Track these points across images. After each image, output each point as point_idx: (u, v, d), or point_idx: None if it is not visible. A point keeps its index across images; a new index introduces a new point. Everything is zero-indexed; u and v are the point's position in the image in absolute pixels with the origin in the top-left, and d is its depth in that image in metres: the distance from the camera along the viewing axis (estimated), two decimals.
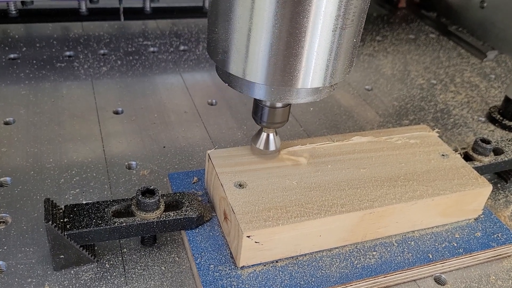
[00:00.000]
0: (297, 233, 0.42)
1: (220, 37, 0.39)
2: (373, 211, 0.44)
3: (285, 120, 0.46)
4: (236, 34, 0.37)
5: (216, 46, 0.40)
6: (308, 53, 0.37)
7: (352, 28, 0.38)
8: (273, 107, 0.44)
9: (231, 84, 0.41)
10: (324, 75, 0.39)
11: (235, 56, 0.38)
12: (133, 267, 0.44)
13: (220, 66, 0.40)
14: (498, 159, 0.56)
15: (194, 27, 0.90)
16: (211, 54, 0.41)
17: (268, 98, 0.41)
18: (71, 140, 0.58)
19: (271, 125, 0.46)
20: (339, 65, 0.39)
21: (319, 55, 0.37)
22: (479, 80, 0.85)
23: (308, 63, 0.37)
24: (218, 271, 0.42)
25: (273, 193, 0.44)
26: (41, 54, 0.75)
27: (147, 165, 0.56)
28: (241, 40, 0.37)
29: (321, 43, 0.37)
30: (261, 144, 0.48)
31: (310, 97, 0.41)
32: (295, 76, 0.38)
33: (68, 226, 0.41)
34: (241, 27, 0.37)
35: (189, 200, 0.46)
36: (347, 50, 0.39)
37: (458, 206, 0.49)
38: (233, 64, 0.39)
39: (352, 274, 0.43)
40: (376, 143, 0.53)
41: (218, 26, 0.39)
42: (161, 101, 0.68)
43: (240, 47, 0.38)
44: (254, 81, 0.39)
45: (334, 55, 0.38)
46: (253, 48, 0.37)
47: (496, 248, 0.48)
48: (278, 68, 0.38)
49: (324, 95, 0.42)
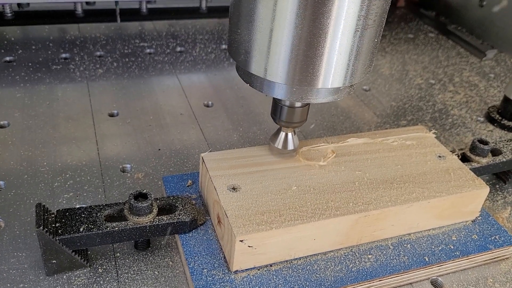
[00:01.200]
0: (291, 236, 0.42)
1: (243, 38, 0.39)
2: (368, 214, 0.44)
3: (303, 120, 0.46)
4: (259, 34, 0.38)
5: (238, 46, 0.40)
6: (329, 53, 0.37)
7: (373, 28, 0.38)
8: (292, 107, 0.45)
9: (252, 84, 0.42)
10: (344, 75, 0.39)
11: (257, 56, 0.39)
12: (126, 272, 0.43)
13: (241, 66, 0.41)
14: (496, 160, 0.56)
15: (191, 28, 0.90)
16: (233, 54, 0.41)
17: (289, 97, 0.41)
18: (66, 143, 0.58)
19: (289, 124, 0.46)
20: (360, 65, 0.40)
21: (340, 55, 0.38)
22: (478, 80, 0.85)
23: (329, 63, 0.38)
24: (212, 275, 0.41)
25: (267, 196, 0.44)
26: (37, 56, 0.75)
27: (142, 168, 0.56)
28: (263, 40, 0.38)
29: (343, 43, 0.37)
30: (279, 143, 0.48)
31: (330, 97, 0.41)
32: (315, 76, 0.38)
33: (60, 231, 0.41)
34: (263, 28, 0.37)
35: (182, 203, 0.45)
36: (368, 50, 0.39)
37: (455, 208, 0.48)
38: (254, 64, 0.39)
39: (347, 278, 0.43)
40: (372, 144, 0.52)
41: (241, 27, 0.39)
42: (157, 103, 0.68)
43: (262, 47, 0.38)
44: (275, 81, 0.39)
45: (355, 55, 0.39)
46: (275, 48, 0.38)
47: (493, 251, 0.48)
48: (299, 68, 0.38)
49: (344, 95, 0.42)
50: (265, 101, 0.71)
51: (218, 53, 0.82)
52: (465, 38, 0.96)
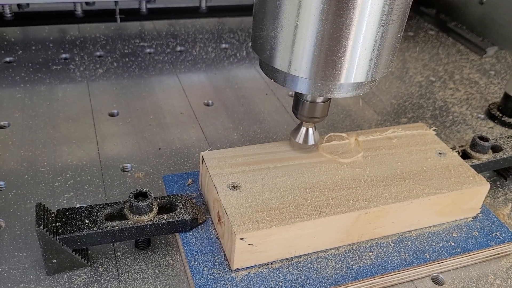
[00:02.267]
0: (291, 234, 0.42)
1: (268, 34, 0.40)
2: (368, 211, 0.44)
3: (324, 115, 0.47)
4: (283, 30, 0.38)
5: (263, 43, 0.41)
6: (353, 48, 0.38)
7: (397, 23, 0.39)
8: (313, 102, 0.45)
9: (276, 80, 0.43)
10: (367, 70, 0.40)
11: (281, 51, 0.39)
12: (127, 271, 0.43)
13: (266, 61, 0.41)
14: (497, 157, 0.56)
15: (191, 27, 0.90)
16: (257, 50, 0.42)
17: (312, 92, 0.41)
18: (66, 143, 0.58)
19: (310, 119, 0.47)
20: (382, 60, 0.40)
21: (364, 50, 0.38)
22: (479, 77, 0.84)
23: (352, 58, 0.38)
24: (212, 274, 0.41)
25: (267, 194, 0.44)
26: (37, 57, 0.75)
27: (142, 168, 0.56)
28: (288, 36, 0.38)
29: (366, 38, 0.38)
30: (300, 138, 0.48)
31: (353, 92, 0.42)
32: (339, 71, 0.39)
33: (60, 231, 0.41)
34: (288, 24, 0.38)
35: (182, 202, 0.45)
36: (390, 45, 0.40)
37: (456, 205, 0.48)
38: (279, 60, 0.40)
39: (348, 275, 0.43)
40: (372, 142, 0.52)
41: (266, 23, 0.40)
42: (157, 102, 0.68)
43: (287, 42, 0.39)
44: (299, 76, 0.40)
45: (378, 50, 0.39)
46: (299, 43, 0.38)
47: (494, 247, 0.48)
48: (323, 62, 0.39)
49: (366, 89, 0.43)
50: (266, 100, 0.71)
51: (218, 52, 0.82)
52: (465, 36, 0.96)
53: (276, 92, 0.73)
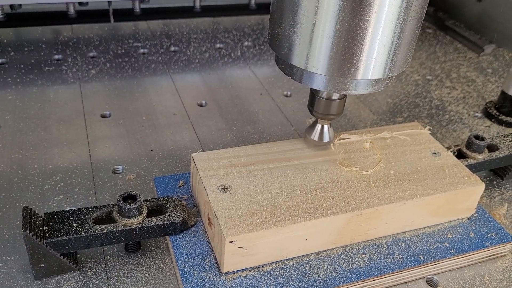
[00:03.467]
0: (282, 237, 0.41)
1: (286, 31, 0.40)
2: (360, 212, 0.43)
3: (340, 112, 0.47)
4: (301, 28, 0.38)
5: (281, 40, 0.41)
6: (370, 45, 0.38)
7: (415, 19, 0.39)
8: (329, 99, 0.45)
9: (293, 77, 0.42)
10: (384, 67, 0.40)
11: (299, 48, 0.39)
12: (116, 275, 0.43)
13: (284, 59, 0.41)
14: (493, 156, 0.55)
15: (185, 27, 0.89)
16: (275, 48, 0.42)
17: (329, 89, 0.41)
18: (57, 145, 0.57)
19: (326, 116, 0.47)
20: (400, 57, 0.40)
21: (381, 47, 0.38)
22: (476, 75, 0.84)
23: (370, 54, 0.38)
24: (202, 277, 0.41)
25: (258, 196, 0.43)
26: (29, 58, 0.74)
27: (134, 169, 0.55)
28: (305, 33, 0.38)
29: (384, 35, 0.38)
30: (315, 135, 0.48)
31: (370, 88, 0.42)
32: (356, 67, 0.39)
33: (47, 235, 0.40)
34: (306, 21, 0.38)
35: (173, 205, 0.45)
36: (408, 42, 0.40)
37: (450, 205, 0.47)
38: (296, 56, 0.40)
39: (340, 278, 0.42)
40: (364, 142, 0.51)
41: (284, 21, 0.40)
42: (150, 103, 0.67)
43: (304, 39, 0.39)
44: (316, 72, 0.40)
45: (396, 47, 0.39)
46: (317, 40, 0.38)
47: (490, 248, 0.47)
48: (341, 59, 0.38)
49: (383, 86, 0.43)
50: (260, 100, 0.71)
51: (212, 52, 0.82)
52: (463, 34, 0.95)
53: (271, 92, 0.73)
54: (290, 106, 0.70)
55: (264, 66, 0.79)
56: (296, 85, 0.75)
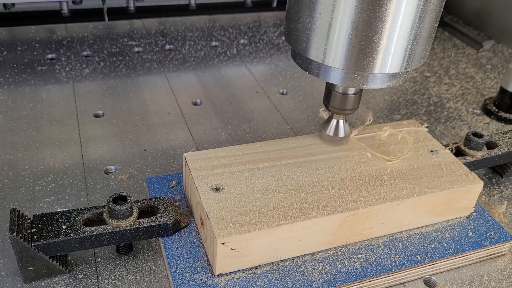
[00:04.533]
0: (275, 238, 0.40)
1: (304, 26, 0.39)
2: (356, 212, 0.42)
3: (356, 107, 0.46)
4: (319, 21, 0.38)
5: (298, 34, 0.40)
6: (389, 39, 0.37)
7: (434, 13, 0.38)
8: (345, 94, 0.45)
9: (310, 71, 0.42)
10: (402, 61, 0.39)
11: (316, 43, 0.39)
12: (107, 277, 0.42)
13: (301, 53, 0.41)
14: (492, 153, 0.54)
15: (180, 25, 0.88)
16: (292, 43, 0.42)
17: (347, 83, 0.41)
18: (49, 146, 0.56)
19: (341, 111, 0.46)
20: (418, 51, 0.40)
21: (400, 41, 0.38)
22: (475, 71, 0.83)
23: (387, 49, 0.38)
24: (194, 279, 0.40)
25: (251, 196, 0.42)
26: (22, 57, 0.73)
27: (127, 170, 0.54)
28: (323, 26, 0.38)
29: (403, 29, 0.37)
30: (330, 130, 0.48)
31: (388, 83, 0.41)
32: (374, 61, 0.38)
33: (36, 237, 0.39)
34: (324, 14, 0.38)
35: (164, 205, 0.44)
36: (426, 35, 0.39)
37: (448, 204, 0.46)
38: (313, 51, 0.40)
39: (336, 279, 0.41)
40: (360, 140, 0.50)
41: (301, 15, 0.39)
42: (144, 102, 0.66)
43: (322, 33, 0.38)
44: (333, 66, 0.39)
45: (415, 41, 0.39)
46: (334, 33, 0.38)
47: (488, 247, 0.46)
48: (358, 53, 0.38)
49: (400, 80, 0.42)
50: (256, 99, 0.70)
51: (208, 50, 0.81)
52: (462, 29, 0.94)
53: (267, 90, 0.72)
54: (286, 104, 0.69)
55: (260, 64, 0.78)
56: (292, 83, 0.74)
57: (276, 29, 0.90)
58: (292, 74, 0.76)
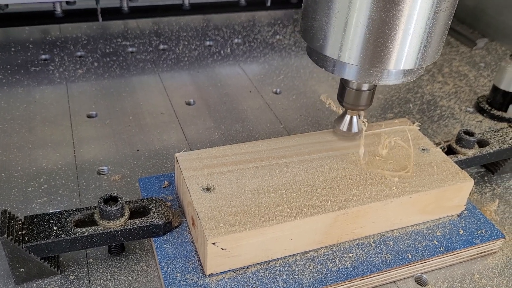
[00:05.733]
0: (266, 237, 0.40)
1: (320, 23, 0.40)
2: (347, 211, 0.42)
3: (369, 103, 0.47)
4: (335, 18, 0.39)
5: (316, 32, 0.41)
6: (403, 36, 0.38)
7: (448, 10, 0.39)
8: (359, 90, 0.46)
9: (326, 68, 0.43)
10: (416, 57, 0.40)
11: (332, 39, 0.40)
12: (99, 278, 0.42)
13: (318, 50, 0.42)
14: (483, 152, 0.54)
15: (175, 25, 0.88)
16: (309, 40, 0.43)
17: (362, 79, 0.42)
18: (42, 147, 0.56)
19: (355, 107, 0.47)
20: (432, 47, 0.41)
21: (414, 38, 0.39)
22: (468, 69, 0.83)
23: (403, 45, 0.39)
24: (185, 280, 0.40)
25: (242, 196, 0.42)
26: (15, 58, 0.73)
27: (119, 170, 0.54)
28: (339, 23, 0.39)
29: (418, 25, 0.38)
30: (344, 126, 0.49)
31: (402, 79, 0.42)
32: (389, 58, 0.39)
33: (27, 238, 0.39)
34: (340, 11, 0.38)
35: (156, 206, 0.44)
36: (440, 32, 0.40)
37: (439, 202, 0.46)
38: (330, 48, 0.41)
39: (327, 278, 0.42)
40: (352, 139, 0.51)
41: (318, 12, 0.40)
42: (137, 102, 0.66)
43: (338, 30, 0.39)
44: (348, 62, 0.40)
45: (429, 38, 0.39)
46: (350, 30, 0.39)
47: (480, 245, 0.46)
48: (374, 49, 0.39)
49: (414, 76, 0.43)
50: (249, 98, 0.70)
51: (202, 50, 0.81)
52: (455, 27, 0.95)
53: (260, 90, 0.72)
54: (279, 103, 0.69)
55: (254, 64, 0.78)
56: (285, 82, 0.74)
57: (270, 28, 0.90)
58: (286, 73, 0.76)
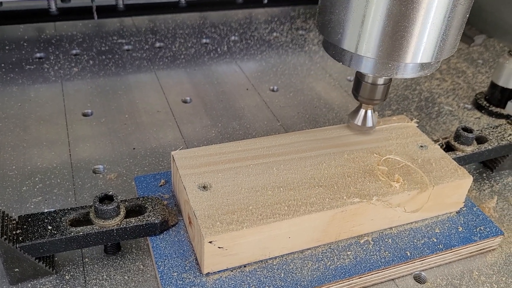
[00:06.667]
0: (264, 235, 0.40)
1: (340, 17, 0.40)
2: (345, 209, 0.42)
3: (384, 98, 0.47)
4: (353, 12, 0.39)
5: (334, 26, 0.41)
6: (421, 29, 0.38)
7: (467, 3, 0.39)
8: (374, 84, 0.46)
9: (343, 61, 0.43)
10: (433, 51, 0.40)
11: (350, 33, 0.40)
12: (95, 278, 0.42)
13: (336, 44, 0.42)
14: (482, 148, 0.54)
15: (171, 23, 0.87)
16: (327, 34, 0.43)
17: (379, 72, 0.42)
18: (36, 146, 0.56)
19: (370, 101, 0.47)
20: (449, 41, 0.40)
21: (432, 31, 0.39)
22: (466, 66, 0.83)
23: (420, 38, 0.39)
24: (182, 279, 0.40)
25: (239, 194, 0.42)
26: (10, 57, 0.73)
27: (115, 169, 0.54)
28: (357, 16, 0.39)
29: (436, 18, 0.38)
30: (359, 120, 0.49)
31: (419, 72, 0.42)
32: (406, 51, 0.39)
33: (21, 238, 0.39)
34: (358, 5, 0.38)
35: (152, 204, 0.44)
36: (458, 26, 0.40)
37: (438, 199, 0.46)
38: (347, 41, 0.41)
39: (325, 277, 0.41)
40: (351, 136, 0.50)
41: (336, 7, 0.40)
42: (133, 100, 0.66)
43: (356, 23, 0.39)
44: (365, 55, 0.40)
45: (446, 31, 0.39)
46: (368, 23, 0.39)
47: (478, 242, 0.46)
48: (392, 43, 0.39)
49: (431, 70, 0.43)
50: (246, 96, 0.69)
51: (198, 48, 0.80)
52: None
53: (257, 87, 0.71)
54: (276, 101, 0.68)
55: (251, 61, 0.78)
56: (282, 79, 0.74)
57: (267, 25, 0.90)
58: (283, 70, 0.76)
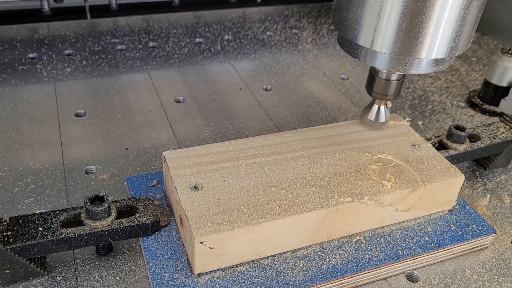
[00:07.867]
0: (255, 236, 0.40)
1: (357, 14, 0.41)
2: (336, 208, 0.42)
3: (397, 94, 0.48)
4: (369, 8, 0.39)
5: (350, 22, 0.42)
6: (436, 24, 0.38)
7: (481, 0, 0.39)
8: (388, 80, 0.46)
9: (359, 57, 0.43)
10: (447, 47, 0.40)
11: (366, 29, 0.40)
12: (86, 279, 0.41)
13: (351, 40, 0.42)
14: (474, 146, 0.54)
15: (164, 22, 0.87)
16: (342, 31, 0.43)
17: (393, 68, 0.42)
18: (29, 147, 0.56)
19: (384, 97, 0.48)
20: (463, 37, 0.41)
21: (447, 27, 0.39)
22: (460, 64, 0.83)
23: (435, 34, 0.39)
24: (173, 279, 0.40)
25: (230, 194, 0.42)
26: (2, 57, 0.73)
27: (108, 169, 0.53)
28: (373, 12, 0.39)
29: (451, 14, 0.38)
30: (372, 115, 0.50)
31: (433, 68, 0.43)
32: (421, 47, 0.40)
33: (12, 240, 0.39)
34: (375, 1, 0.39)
35: (144, 205, 0.43)
36: (473, 22, 0.40)
37: (430, 198, 0.46)
38: (363, 37, 0.41)
39: (317, 276, 0.41)
40: (342, 135, 0.50)
41: (352, 3, 0.41)
42: (126, 101, 0.66)
43: (372, 20, 0.40)
44: (380, 51, 0.41)
45: (461, 27, 0.40)
46: (384, 19, 0.39)
47: (470, 241, 0.46)
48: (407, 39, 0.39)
49: (445, 66, 0.43)
50: (239, 95, 0.69)
51: (192, 47, 0.80)
52: None
53: (251, 87, 0.71)
54: (270, 100, 0.68)
55: (244, 60, 0.78)
56: (276, 79, 0.74)
57: (261, 24, 0.90)
58: (276, 69, 0.76)
